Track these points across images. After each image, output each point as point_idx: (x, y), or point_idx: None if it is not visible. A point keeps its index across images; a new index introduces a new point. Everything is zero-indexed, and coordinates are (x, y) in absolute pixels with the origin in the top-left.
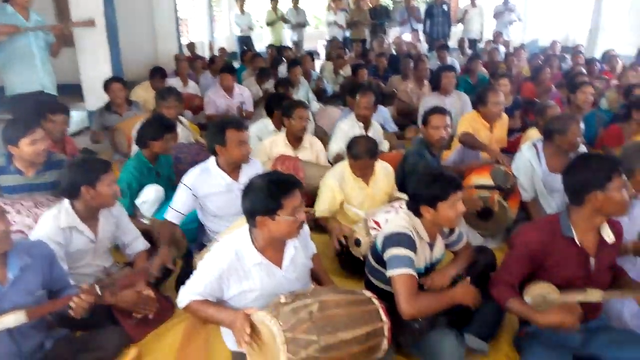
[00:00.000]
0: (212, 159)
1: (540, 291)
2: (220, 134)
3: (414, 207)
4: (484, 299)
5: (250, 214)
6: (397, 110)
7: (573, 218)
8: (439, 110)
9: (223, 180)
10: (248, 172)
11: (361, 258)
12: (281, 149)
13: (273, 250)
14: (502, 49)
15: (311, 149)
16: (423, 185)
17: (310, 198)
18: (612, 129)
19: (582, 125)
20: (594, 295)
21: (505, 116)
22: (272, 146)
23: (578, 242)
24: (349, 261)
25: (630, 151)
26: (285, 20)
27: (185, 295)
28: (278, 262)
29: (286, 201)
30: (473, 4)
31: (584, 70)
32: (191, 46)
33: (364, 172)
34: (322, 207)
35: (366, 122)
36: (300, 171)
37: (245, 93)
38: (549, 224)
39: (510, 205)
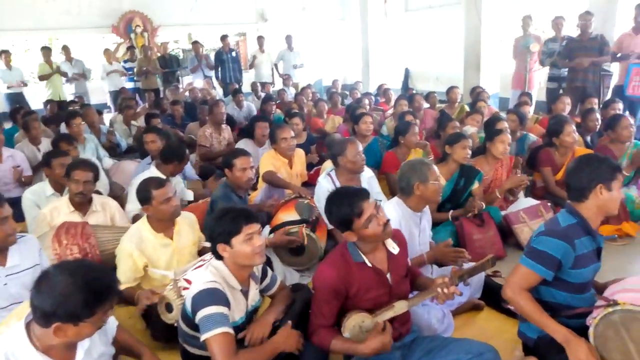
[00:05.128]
0: None
1: (354, 322)
2: None
3: (213, 249)
4: (308, 339)
5: (46, 318)
6: (200, 157)
7: (358, 242)
8: (241, 153)
9: None
10: (21, 252)
11: (175, 324)
12: (65, 216)
13: (62, 347)
14: (292, 90)
15: (104, 212)
16: (215, 222)
17: (108, 266)
18: (387, 157)
19: (360, 148)
20: (400, 306)
21: (301, 151)
22: (53, 214)
23: (369, 264)
24: (160, 330)
25: (405, 169)
26: (63, 73)
27: None
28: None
29: (99, 310)
30: (261, 49)
31: (363, 103)
32: None
33: (164, 224)
34: (123, 278)
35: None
36: (90, 237)
37: (17, 156)
38: (340, 256)
39: (319, 235)
